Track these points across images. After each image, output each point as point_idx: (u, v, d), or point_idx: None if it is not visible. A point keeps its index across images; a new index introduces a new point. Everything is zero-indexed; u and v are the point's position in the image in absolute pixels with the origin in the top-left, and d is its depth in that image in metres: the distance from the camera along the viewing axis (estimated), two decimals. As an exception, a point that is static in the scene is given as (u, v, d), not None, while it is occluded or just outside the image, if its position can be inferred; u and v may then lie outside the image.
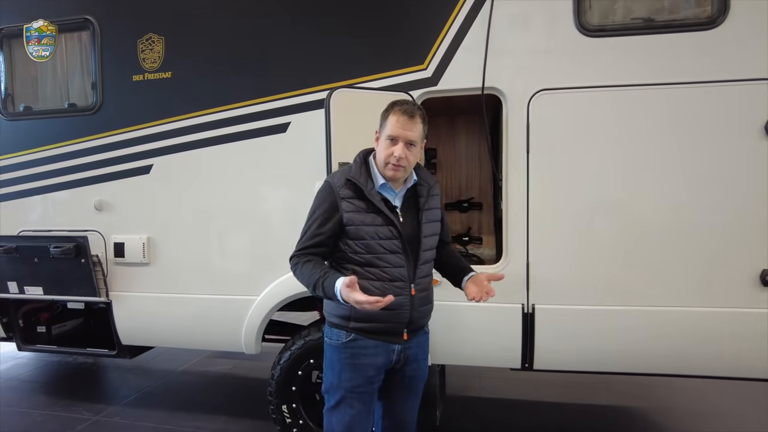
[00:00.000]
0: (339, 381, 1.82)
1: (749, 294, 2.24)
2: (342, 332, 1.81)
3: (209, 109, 2.70)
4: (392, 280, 1.76)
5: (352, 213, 1.74)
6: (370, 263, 1.75)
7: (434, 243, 1.91)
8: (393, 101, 1.79)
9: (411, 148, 1.74)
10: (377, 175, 1.79)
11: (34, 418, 3.33)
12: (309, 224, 1.79)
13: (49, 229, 2.98)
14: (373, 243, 1.75)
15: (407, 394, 1.93)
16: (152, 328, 2.93)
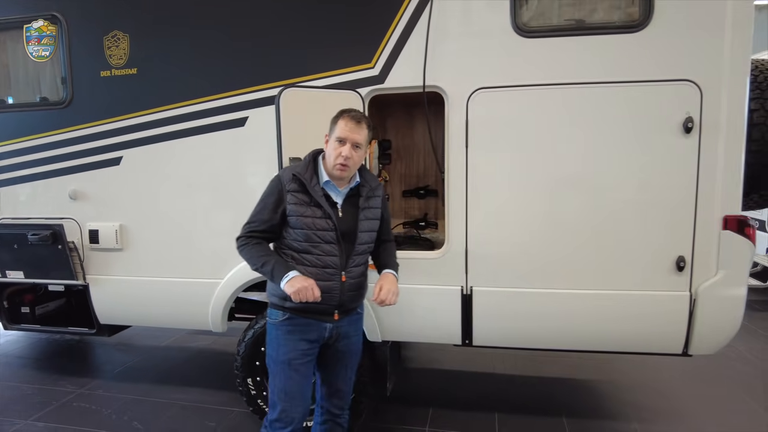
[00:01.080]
0: (277, 354, 2.05)
1: (666, 278, 2.45)
2: (279, 312, 2.05)
3: (174, 104, 2.85)
4: (324, 266, 1.99)
5: (294, 205, 1.96)
6: (306, 250, 1.98)
7: (371, 239, 2.11)
8: (342, 109, 2.01)
9: (357, 149, 1.96)
10: (323, 173, 2.01)
11: (24, 391, 3.59)
12: (258, 210, 2.02)
13: (28, 217, 3.16)
14: (310, 233, 1.97)
15: (341, 366, 2.17)
16: (127, 308, 3.15)
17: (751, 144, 2.46)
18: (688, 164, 2.37)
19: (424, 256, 2.72)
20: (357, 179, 2.07)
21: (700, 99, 2.32)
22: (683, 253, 2.42)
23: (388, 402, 3.32)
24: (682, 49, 2.33)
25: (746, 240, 2.38)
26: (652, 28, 2.34)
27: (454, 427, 3.05)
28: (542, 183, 2.51)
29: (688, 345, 2.50)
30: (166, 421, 3.14)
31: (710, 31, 2.30)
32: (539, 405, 3.31)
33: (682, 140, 2.36)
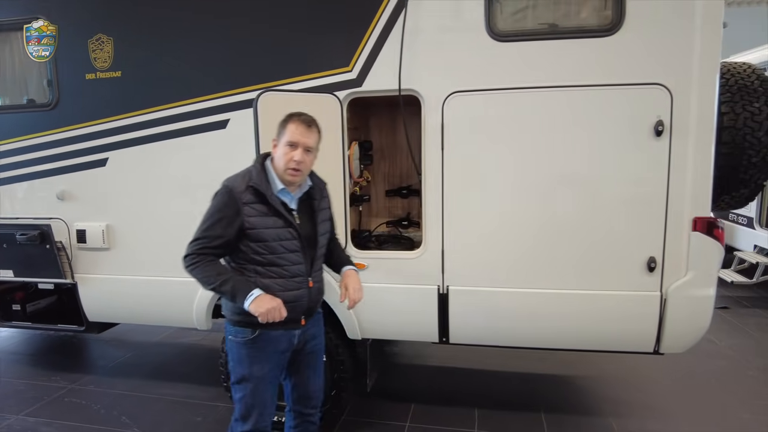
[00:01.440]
0: (251, 372, 2.00)
1: (637, 278, 2.50)
2: (247, 329, 1.97)
3: (157, 107, 2.90)
4: (292, 276, 1.98)
5: (254, 217, 1.90)
6: (272, 263, 1.94)
7: (327, 240, 2.14)
8: (291, 113, 1.98)
9: (308, 153, 1.95)
10: (275, 180, 1.96)
11: (16, 386, 3.67)
12: (209, 225, 1.89)
13: (18, 217, 3.22)
14: (274, 244, 1.93)
15: (311, 368, 2.20)
16: (114, 306, 3.22)
17: (722, 147, 2.50)
18: (659, 167, 2.41)
19: (403, 256, 2.78)
20: (309, 182, 2.06)
21: (671, 102, 2.36)
22: (654, 254, 2.47)
23: (371, 397, 3.40)
24: (653, 53, 2.37)
25: (715, 242, 2.43)
26: (624, 32, 2.37)
27: (435, 422, 3.12)
28: (516, 185, 2.55)
29: (659, 344, 2.55)
30: (153, 416, 3.22)
31: (680, 35, 2.33)
32: (520, 401, 3.38)
33: (653, 143, 2.40)
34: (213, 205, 1.93)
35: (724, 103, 2.52)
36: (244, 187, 1.91)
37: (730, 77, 2.57)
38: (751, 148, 2.47)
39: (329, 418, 2.98)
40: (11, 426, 3.14)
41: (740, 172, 2.52)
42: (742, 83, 2.52)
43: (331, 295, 2.72)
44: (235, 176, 1.98)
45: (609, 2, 2.40)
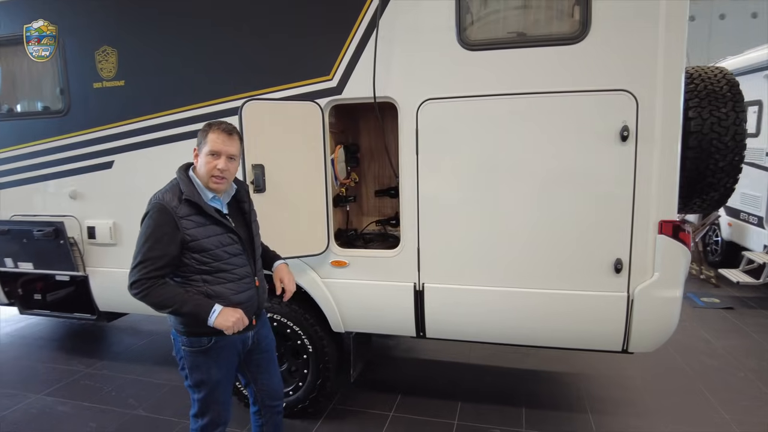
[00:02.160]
0: (209, 377, 2.07)
1: (605, 279, 2.57)
2: (203, 338, 2.03)
3: (157, 113, 3.11)
4: (241, 278, 2.06)
5: (193, 229, 1.92)
6: (219, 269, 2.00)
7: (260, 238, 2.24)
8: (209, 122, 2.04)
9: (231, 161, 2.00)
10: (204, 189, 2.00)
11: (38, 369, 4.00)
12: (150, 247, 1.87)
13: (36, 215, 3.52)
14: (218, 251, 1.98)
15: (270, 363, 2.33)
16: (121, 298, 3.44)
17: (688, 151, 2.54)
18: (626, 171, 2.47)
19: (381, 254, 2.92)
20: (234, 186, 2.13)
21: (636, 108, 2.42)
22: (621, 256, 2.53)
23: (360, 387, 3.58)
24: (619, 60, 2.43)
25: (680, 244, 2.48)
26: (590, 40, 2.44)
27: (418, 412, 3.26)
28: (487, 187, 2.65)
29: (627, 343, 2.63)
30: (157, 399, 3.47)
31: (644, 43, 2.38)
32: (502, 395, 3.49)
33: (619, 148, 2.46)
34: (148, 225, 1.91)
35: (691, 109, 2.55)
36: (177, 201, 1.92)
37: (699, 82, 2.60)
38: (717, 152, 2.50)
39: (316, 406, 3.17)
40: (31, 404, 3.45)
41: (708, 176, 2.55)
42: (711, 89, 2.55)
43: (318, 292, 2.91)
44: (162, 193, 1.98)
45: (576, 11, 2.47)
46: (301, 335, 3.06)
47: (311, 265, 2.98)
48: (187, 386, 2.13)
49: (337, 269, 2.96)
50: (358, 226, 3.65)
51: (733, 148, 2.49)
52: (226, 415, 2.19)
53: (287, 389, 3.13)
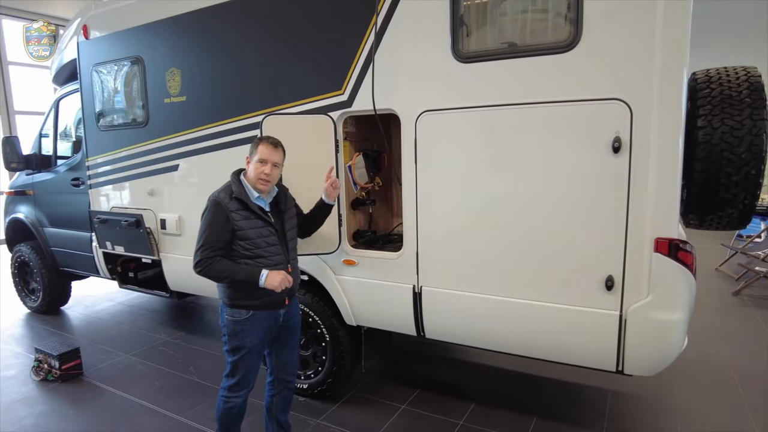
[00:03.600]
0: (243, 343, 2.47)
1: (595, 296, 2.49)
2: (243, 310, 2.46)
3: (206, 125, 3.62)
4: (275, 264, 2.48)
5: (240, 221, 2.40)
6: (259, 255, 2.45)
7: (295, 233, 2.66)
8: (260, 136, 2.53)
9: (275, 168, 2.47)
10: (251, 190, 2.48)
11: (132, 334, 4.87)
12: (207, 235, 2.37)
13: (126, 207, 4.28)
14: (258, 240, 2.45)
15: (293, 341, 2.75)
16: (184, 279, 4.10)
17: (697, 163, 2.34)
18: (619, 184, 2.37)
19: (386, 256, 3.10)
20: (276, 190, 2.58)
21: (630, 118, 2.30)
22: (612, 273, 2.44)
23: (383, 379, 3.81)
24: (612, 68, 2.32)
25: (679, 264, 2.31)
26: (582, 48, 2.37)
27: (429, 408, 3.40)
28: (480, 197, 2.70)
29: (621, 364, 2.52)
30: (211, 369, 4.04)
31: (639, 50, 2.25)
32: (519, 401, 3.47)
33: (610, 160, 2.36)
34: (206, 217, 2.41)
35: (701, 117, 2.33)
36: (229, 198, 2.41)
37: (716, 87, 2.35)
38: (729, 165, 2.26)
39: (333, 390, 3.47)
40: (120, 361, 4.24)
41: (721, 191, 2.32)
42: (727, 93, 2.29)
43: (332, 287, 3.21)
44: (218, 192, 2.47)
45: (566, 19, 2.41)
46: (320, 325, 3.38)
47: (327, 262, 3.26)
48: (224, 350, 2.56)
49: (348, 267, 3.21)
50: (386, 227, 3.86)
51: (749, 160, 2.23)
52: (251, 380, 2.59)
53: (309, 372, 3.48)
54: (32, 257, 5.37)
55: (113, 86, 4.22)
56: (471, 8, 2.64)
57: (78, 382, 3.90)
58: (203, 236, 2.39)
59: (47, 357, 3.95)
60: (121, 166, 4.23)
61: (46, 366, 3.95)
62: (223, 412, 2.58)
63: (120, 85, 4.18)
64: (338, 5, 2.96)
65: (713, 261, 7.13)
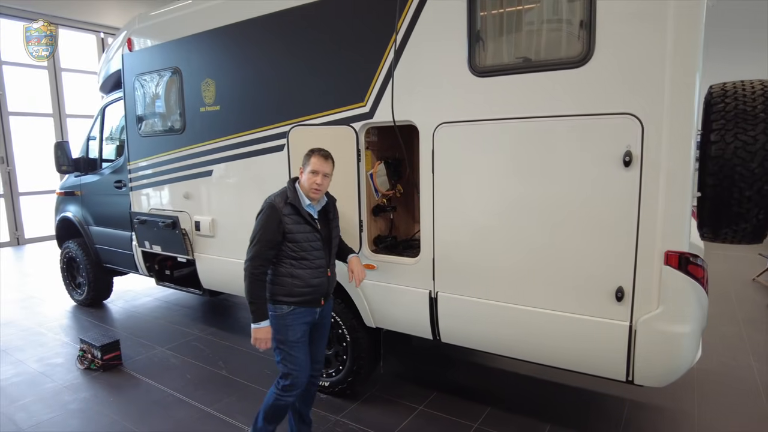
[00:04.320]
0: (287, 337, 2.66)
1: (605, 306, 2.54)
2: (285, 306, 2.65)
3: (238, 134, 3.83)
4: (317, 267, 2.70)
5: (291, 225, 2.60)
6: (303, 257, 2.65)
7: (338, 241, 2.85)
8: (313, 148, 2.70)
9: (326, 178, 2.66)
10: (303, 197, 2.67)
11: (168, 328, 5.14)
12: (262, 233, 2.57)
13: (163, 209, 4.55)
14: (305, 244, 2.65)
15: (322, 339, 2.94)
16: (216, 278, 4.33)
17: (709, 178, 2.36)
18: (630, 197, 2.41)
19: (405, 261, 3.22)
20: (325, 199, 2.78)
21: (641, 132, 2.34)
22: (623, 284, 2.48)
23: (404, 379, 3.92)
24: (623, 83, 2.37)
25: (689, 278, 2.34)
26: (594, 63, 2.42)
27: (445, 410, 3.49)
28: (494, 207, 2.79)
29: (632, 374, 2.55)
30: (239, 364, 4.25)
31: (651, 66, 2.29)
32: (533, 407, 3.52)
33: (621, 173, 2.41)
34: (262, 218, 2.62)
35: (714, 131, 2.35)
36: (284, 203, 2.62)
37: (730, 101, 2.36)
38: (742, 180, 2.27)
39: (353, 388, 3.61)
40: (155, 354, 4.51)
41: (734, 205, 2.32)
42: (742, 108, 2.30)
43: (353, 290, 3.34)
44: (274, 196, 2.68)
45: (579, 35, 2.46)
46: (342, 325, 3.52)
47: (339, 262, 3.40)
48: (273, 349, 2.71)
49: (367, 271, 3.34)
50: (408, 233, 3.97)
51: (762, 175, 2.24)
52: (302, 379, 2.73)
53: (331, 370, 3.64)
54: (79, 254, 5.74)
55: (153, 95, 4.50)
56: (487, 24, 2.73)
57: (117, 372, 4.18)
58: (258, 235, 2.60)
59: (91, 348, 4.25)
60: (159, 170, 4.50)
61: (90, 356, 4.25)
62: (273, 407, 2.76)
63: (160, 94, 4.45)
64: (361, 24, 3.10)
65: (751, 271, 6.92)
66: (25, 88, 10.18)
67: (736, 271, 7.02)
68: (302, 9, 3.32)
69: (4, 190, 9.92)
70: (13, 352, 4.64)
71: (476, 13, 2.71)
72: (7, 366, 4.35)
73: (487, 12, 2.72)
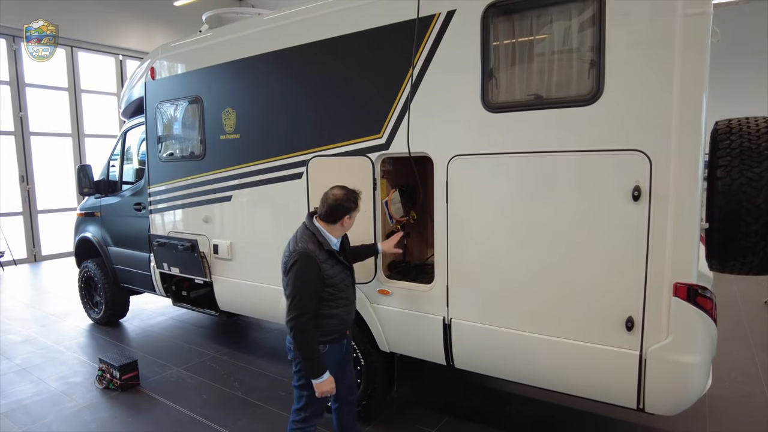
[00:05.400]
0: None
1: (616, 336, 2.61)
2: (321, 347, 2.66)
3: (257, 161, 3.96)
4: (350, 302, 2.83)
5: (329, 270, 2.62)
6: (341, 297, 2.72)
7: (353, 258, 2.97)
8: (359, 199, 2.79)
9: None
10: (330, 237, 2.70)
11: (183, 348, 5.24)
12: (304, 287, 2.52)
13: (182, 232, 4.68)
14: (342, 285, 2.72)
15: (347, 364, 2.98)
16: (233, 301, 4.43)
17: (716, 212, 2.44)
18: (639, 230, 2.49)
19: (419, 288, 3.30)
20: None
21: (650, 168, 2.43)
22: (633, 314, 2.55)
23: (418, 403, 3.98)
24: (632, 120, 2.47)
25: (697, 309, 2.40)
26: (604, 101, 2.53)
27: (457, 435, 3.55)
28: (507, 237, 2.88)
29: (642, 402, 2.60)
30: (253, 385, 4.33)
31: (658, 104, 2.39)
32: (546, 433, 3.56)
33: (630, 207, 2.50)
34: (299, 271, 2.53)
35: (720, 167, 2.43)
36: (317, 249, 2.59)
37: (735, 138, 2.45)
38: (748, 215, 2.35)
39: (368, 411, 3.67)
40: (172, 374, 4.60)
41: (741, 239, 2.40)
42: (747, 145, 2.39)
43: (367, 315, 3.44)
44: (304, 243, 2.61)
45: (590, 74, 2.58)
46: (356, 349, 3.60)
47: (363, 291, 3.50)
48: (296, 385, 2.74)
49: (382, 296, 3.43)
50: (421, 257, 4.06)
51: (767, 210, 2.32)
52: (323, 410, 2.83)
53: (344, 394, 3.70)
54: (97, 273, 5.88)
55: (174, 122, 4.67)
56: (500, 62, 2.85)
57: (136, 392, 4.27)
58: (299, 288, 2.52)
59: (109, 367, 4.35)
60: (179, 194, 4.64)
61: (108, 375, 4.35)
62: None
63: (180, 121, 4.62)
64: (379, 58, 3.23)
65: (761, 293, 6.90)
66: (45, 108, 10.48)
67: (747, 293, 7.01)
68: (322, 43, 3.47)
69: (23, 207, 10.15)
70: (34, 371, 4.75)
71: (490, 50, 2.84)
72: (28, 384, 4.45)
73: (500, 50, 2.85)
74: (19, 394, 4.27)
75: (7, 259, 9.71)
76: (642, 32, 2.41)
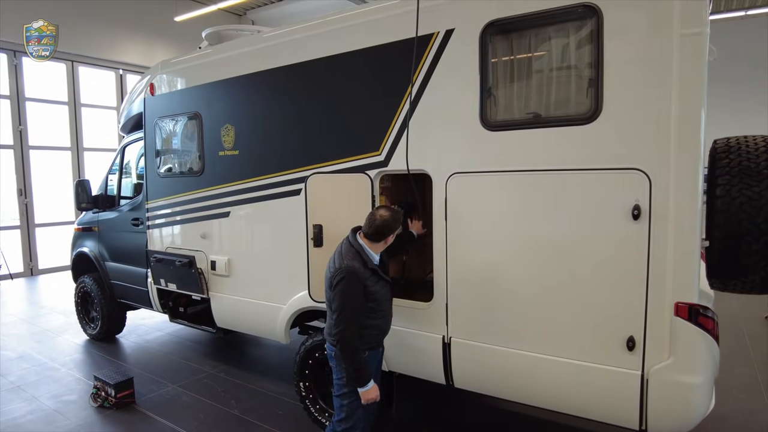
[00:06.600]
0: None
1: (617, 355, 2.58)
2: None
3: (256, 177, 3.95)
4: (388, 314, 2.91)
5: (373, 287, 2.72)
6: (379, 310, 2.80)
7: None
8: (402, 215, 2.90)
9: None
10: (372, 253, 2.79)
11: (179, 365, 5.18)
12: (351, 303, 2.63)
13: (180, 248, 4.65)
14: (383, 300, 2.81)
15: (378, 376, 3.00)
16: (231, 317, 4.39)
17: (716, 230, 2.43)
18: (639, 249, 2.48)
19: (418, 305, 3.27)
20: None
21: (649, 187, 2.43)
22: (634, 334, 2.53)
23: (416, 423, 3.92)
24: (631, 139, 2.47)
25: (698, 329, 2.38)
26: (602, 120, 2.53)
27: (457, 455, 3.49)
28: (506, 255, 2.86)
29: (645, 423, 2.57)
30: (251, 403, 4.27)
31: (657, 123, 2.40)
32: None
33: (630, 226, 2.49)
34: (346, 288, 2.64)
35: (719, 186, 2.43)
36: (362, 267, 2.69)
37: (734, 157, 2.45)
38: (749, 234, 2.34)
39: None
40: (168, 391, 4.54)
41: (741, 258, 2.39)
42: (746, 164, 2.39)
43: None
44: (349, 260, 2.70)
45: (588, 93, 2.58)
46: (354, 368, 3.55)
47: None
48: (337, 395, 2.81)
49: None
50: (420, 273, 4.04)
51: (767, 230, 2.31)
52: (364, 423, 2.84)
53: (342, 413, 3.65)
54: (93, 288, 5.84)
55: (173, 138, 4.67)
56: (498, 81, 2.86)
57: (131, 410, 4.21)
58: (346, 304, 2.64)
59: (104, 385, 4.29)
60: (177, 210, 4.62)
61: (103, 393, 4.29)
62: None
63: (179, 137, 4.62)
64: (377, 76, 3.25)
65: (762, 308, 6.87)
66: (45, 122, 10.50)
67: (748, 308, 6.98)
68: (322, 61, 3.48)
69: (21, 221, 10.11)
70: (28, 388, 4.69)
71: (488, 69, 2.85)
72: (22, 403, 4.39)
73: (498, 68, 2.86)
74: (13, 412, 4.21)
75: (3, 273, 9.65)
76: (640, 52, 2.43)
